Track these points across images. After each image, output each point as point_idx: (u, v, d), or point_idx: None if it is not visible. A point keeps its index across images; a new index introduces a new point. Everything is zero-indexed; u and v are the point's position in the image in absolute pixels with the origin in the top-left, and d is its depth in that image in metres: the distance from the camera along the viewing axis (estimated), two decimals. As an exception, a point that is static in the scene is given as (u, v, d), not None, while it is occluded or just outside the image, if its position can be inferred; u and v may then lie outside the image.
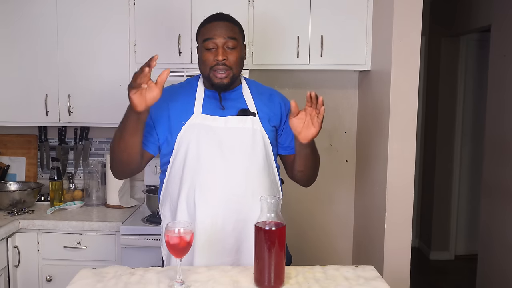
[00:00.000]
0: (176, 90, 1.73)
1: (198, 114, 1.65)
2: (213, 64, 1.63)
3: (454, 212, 4.61)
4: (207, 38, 1.63)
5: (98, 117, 2.62)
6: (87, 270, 1.50)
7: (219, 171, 1.62)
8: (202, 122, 1.64)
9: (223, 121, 1.65)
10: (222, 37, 1.62)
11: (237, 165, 1.62)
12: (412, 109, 2.29)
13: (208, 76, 1.65)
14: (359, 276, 1.47)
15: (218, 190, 1.61)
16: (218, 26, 1.63)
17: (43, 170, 2.99)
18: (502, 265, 3.24)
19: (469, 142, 4.58)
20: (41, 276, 2.42)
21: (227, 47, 1.63)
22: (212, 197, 1.61)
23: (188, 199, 1.63)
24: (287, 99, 1.79)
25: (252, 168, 1.64)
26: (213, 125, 1.64)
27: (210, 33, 1.63)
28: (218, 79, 1.63)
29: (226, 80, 1.64)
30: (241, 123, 1.65)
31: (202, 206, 1.60)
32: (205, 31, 1.65)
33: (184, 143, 1.64)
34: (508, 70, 3.24)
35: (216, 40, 1.62)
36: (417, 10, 2.26)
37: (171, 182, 1.69)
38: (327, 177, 2.99)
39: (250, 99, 1.72)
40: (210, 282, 1.40)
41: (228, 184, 1.61)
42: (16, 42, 2.60)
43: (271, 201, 1.34)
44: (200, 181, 1.61)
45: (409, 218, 2.33)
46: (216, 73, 1.63)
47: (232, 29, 1.65)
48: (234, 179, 1.62)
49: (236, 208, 1.61)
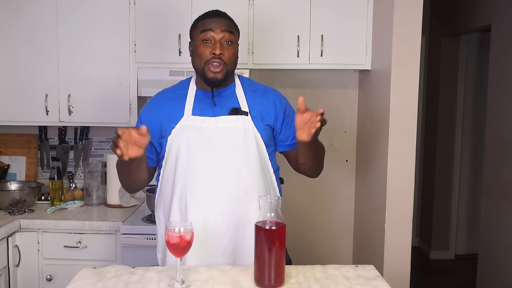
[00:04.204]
0: (167, 96, 1.73)
1: (188, 116, 1.64)
2: (209, 58, 1.60)
3: (454, 212, 4.60)
4: (205, 29, 1.61)
5: (98, 116, 2.63)
6: (88, 269, 1.50)
7: (210, 172, 1.60)
8: (192, 123, 1.63)
9: (213, 121, 1.63)
10: (220, 29, 1.60)
11: (229, 166, 1.61)
12: (412, 109, 2.29)
13: (203, 70, 1.63)
14: (359, 275, 1.47)
15: (209, 192, 1.60)
16: (217, 20, 1.62)
17: (43, 170, 2.99)
18: (502, 265, 3.24)
19: (469, 142, 4.58)
20: (41, 275, 2.42)
21: (224, 41, 1.61)
22: (203, 198, 1.60)
23: (180, 201, 1.62)
24: (283, 97, 1.77)
25: (245, 168, 1.62)
26: (204, 126, 1.62)
27: (209, 25, 1.61)
28: (212, 73, 1.61)
29: (219, 75, 1.62)
30: (232, 122, 1.63)
31: (194, 208, 1.60)
32: (203, 23, 1.64)
33: (175, 146, 1.63)
34: (508, 69, 3.24)
35: (214, 32, 1.60)
36: (417, 10, 2.26)
37: (164, 186, 1.69)
38: (327, 177, 2.99)
39: (243, 97, 1.69)
40: (210, 282, 1.40)
41: (219, 185, 1.60)
42: (16, 41, 2.60)
43: (271, 201, 1.34)
44: (192, 183, 1.60)
45: (409, 218, 2.33)
46: (211, 66, 1.60)
47: (230, 24, 1.64)
48: (226, 180, 1.60)
49: (229, 209, 1.60)
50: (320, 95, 2.99)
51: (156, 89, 2.55)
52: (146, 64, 2.58)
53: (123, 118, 2.61)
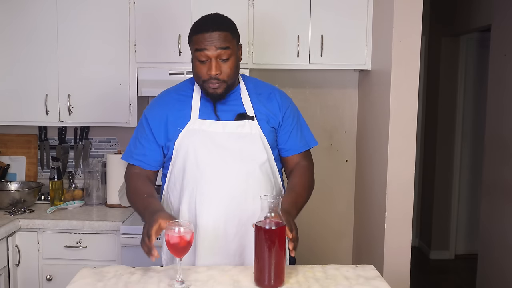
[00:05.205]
0: (172, 96, 1.71)
1: (195, 120, 1.63)
2: (206, 78, 1.58)
3: (454, 212, 4.60)
4: (198, 49, 1.56)
5: (98, 116, 2.63)
6: (88, 269, 1.50)
7: (220, 177, 1.60)
8: (199, 127, 1.62)
9: (221, 126, 1.63)
10: (215, 47, 1.55)
11: (237, 170, 1.61)
12: (412, 109, 2.29)
13: (202, 86, 1.62)
14: (359, 275, 1.47)
15: (219, 196, 1.60)
16: (211, 36, 1.55)
17: (43, 170, 2.99)
18: (502, 265, 3.24)
19: (469, 142, 4.58)
20: (41, 275, 2.42)
21: (220, 58, 1.57)
22: (213, 203, 1.60)
23: (189, 206, 1.63)
24: (286, 99, 1.75)
25: (253, 173, 1.62)
26: (211, 130, 1.62)
27: (203, 43, 1.55)
28: (212, 89, 1.60)
29: (220, 91, 1.60)
30: (239, 128, 1.63)
31: (204, 212, 1.60)
32: (196, 40, 1.58)
33: (183, 150, 1.63)
34: (508, 69, 3.23)
35: (208, 52, 1.55)
36: (417, 10, 2.26)
37: (171, 189, 1.69)
38: (327, 177, 2.99)
39: (248, 101, 1.68)
40: (210, 282, 1.40)
41: (229, 189, 1.60)
42: (16, 41, 2.60)
43: (271, 201, 1.34)
44: (201, 188, 1.60)
45: (409, 218, 2.33)
46: (210, 85, 1.59)
47: (225, 37, 1.56)
48: (235, 184, 1.60)
49: (238, 213, 1.60)
50: (320, 95, 2.99)
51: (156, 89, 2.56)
52: (146, 64, 2.58)
53: (123, 118, 2.61)
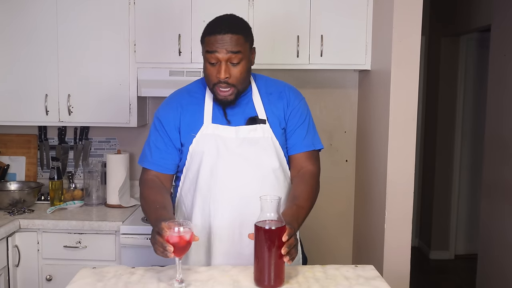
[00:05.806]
0: (184, 98, 1.69)
1: (208, 124, 1.62)
2: (215, 81, 1.56)
3: (454, 212, 4.60)
4: (209, 51, 1.54)
5: (98, 116, 2.63)
6: (87, 269, 1.50)
7: (234, 182, 1.60)
8: (213, 132, 1.61)
9: (234, 131, 1.62)
10: (226, 50, 1.53)
11: (252, 177, 1.61)
12: (412, 109, 2.29)
13: (212, 90, 1.60)
14: (359, 275, 1.47)
15: (234, 201, 1.60)
16: (222, 38, 1.52)
17: (43, 170, 2.99)
18: (502, 265, 3.24)
19: (469, 141, 4.58)
20: (41, 275, 2.42)
21: (230, 62, 1.55)
22: (227, 208, 1.61)
23: (203, 211, 1.63)
24: (295, 98, 1.70)
25: (267, 178, 1.62)
26: (224, 135, 1.61)
27: (214, 45, 1.53)
28: (221, 95, 1.58)
29: (230, 97, 1.59)
30: (252, 132, 1.62)
31: (218, 217, 1.61)
32: (207, 41, 1.56)
33: (197, 155, 1.62)
34: (508, 69, 3.23)
35: (218, 54, 1.53)
36: (417, 10, 2.26)
37: (185, 193, 1.69)
38: (327, 177, 2.98)
39: (260, 103, 1.66)
40: (210, 282, 1.40)
41: (244, 195, 1.60)
42: (16, 41, 2.60)
43: (271, 201, 1.34)
44: (215, 193, 1.61)
45: (409, 218, 2.33)
46: (219, 89, 1.57)
47: (237, 41, 1.54)
48: (250, 189, 1.59)
49: (252, 218, 1.60)
50: (320, 95, 2.99)
51: (156, 89, 2.59)
52: (146, 64, 2.58)
53: (123, 118, 2.61)
